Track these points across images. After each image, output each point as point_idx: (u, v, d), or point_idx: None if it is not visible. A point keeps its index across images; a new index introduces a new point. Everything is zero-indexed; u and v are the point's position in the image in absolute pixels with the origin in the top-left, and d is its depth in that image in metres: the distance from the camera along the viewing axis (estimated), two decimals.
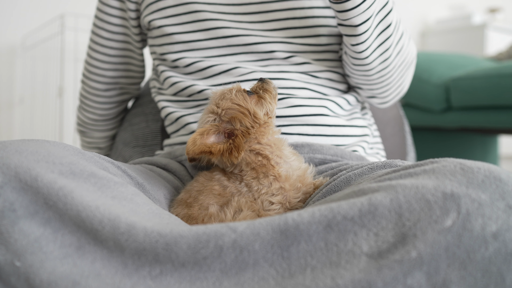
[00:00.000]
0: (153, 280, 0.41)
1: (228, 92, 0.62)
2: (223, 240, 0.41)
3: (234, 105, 0.61)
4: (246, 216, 0.58)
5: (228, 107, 0.61)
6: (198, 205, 0.61)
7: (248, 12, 0.81)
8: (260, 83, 0.66)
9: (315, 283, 0.38)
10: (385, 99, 0.88)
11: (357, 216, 0.41)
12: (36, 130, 1.79)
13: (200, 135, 0.58)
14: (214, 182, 0.63)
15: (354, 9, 0.68)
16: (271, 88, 0.65)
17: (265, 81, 0.66)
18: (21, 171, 0.43)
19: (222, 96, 0.62)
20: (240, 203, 0.59)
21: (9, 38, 1.80)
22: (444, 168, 0.43)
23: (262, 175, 0.60)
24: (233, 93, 0.62)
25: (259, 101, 0.63)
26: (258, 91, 0.65)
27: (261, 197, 0.59)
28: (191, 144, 0.58)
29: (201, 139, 0.58)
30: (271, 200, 0.59)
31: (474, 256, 0.37)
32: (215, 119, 0.61)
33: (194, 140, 0.58)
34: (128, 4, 0.90)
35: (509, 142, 2.73)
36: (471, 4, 3.40)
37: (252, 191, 0.60)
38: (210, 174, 0.65)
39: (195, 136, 0.58)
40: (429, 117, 1.79)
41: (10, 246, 0.41)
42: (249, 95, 0.63)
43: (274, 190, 0.60)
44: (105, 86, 1.00)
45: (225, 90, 0.63)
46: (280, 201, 0.59)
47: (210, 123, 0.61)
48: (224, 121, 0.61)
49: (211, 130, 0.59)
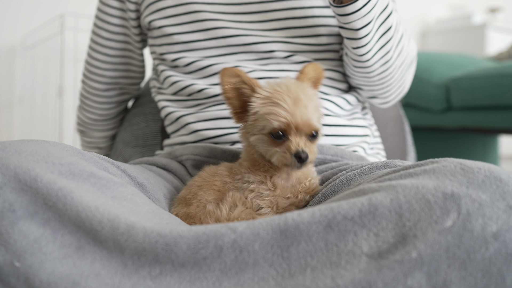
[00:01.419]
0: (152, 280, 0.41)
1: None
2: (223, 240, 0.41)
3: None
4: (241, 213, 0.57)
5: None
6: (197, 202, 0.61)
7: (247, 11, 0.81)
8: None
9: (315, 283, 0.38)
10: (386, 99, 0.88)
11: (357, 216, 0.40)
12: (36, 130, 1.79)
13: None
14: (216, 177, 0.63)
15: (355, 13, 0.68)
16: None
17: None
18: (21, 171, 0.43)
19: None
20: (234, 198, 0.59)
21: (9, 38, 1.80)
22: (445, 168, 0.43)
23: (260, 177, 0.60)
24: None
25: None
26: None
27: (249, 196, 0.59)
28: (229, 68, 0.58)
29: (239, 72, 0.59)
30: (260, 203, 0.59)
31: (474, 256, 0.37)
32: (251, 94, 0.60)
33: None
34: (128, 4, 0.90)
35: (509, 142, 2.73)
36: (471, 4, 3.40)
37: (247, 190, 0.60)
38: (214, 168, 0.65)
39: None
40: (429, 117, 1.79)
41: (10, 247, 0.40)
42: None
43: (264, 193, 0.59)
44: (105, 86, 1.00)
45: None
46: (268, 205, 0.59)
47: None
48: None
49: (248, 82, 0.59)
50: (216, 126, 0.78)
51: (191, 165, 0.77)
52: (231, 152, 0.73)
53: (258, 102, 0.57)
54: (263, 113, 0.56)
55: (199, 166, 0.75)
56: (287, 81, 0.58)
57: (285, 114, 0.54)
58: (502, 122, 1.57)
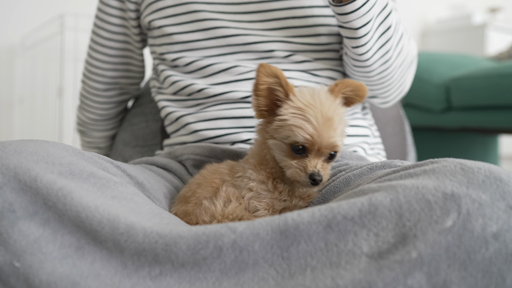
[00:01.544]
0: (152, 280, 0.41)
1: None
2: (223, 240, 0.41)
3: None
4: (235, 208, 0.57)
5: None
6: (195, 199, 0.61)
7: (247, 11, 0.81)
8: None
9: (315, 284, 0.38)
10: (386, 99, 0.88)
11: (357, 216, 0.40)
12: (36, 130, 1.79)
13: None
14: (215, 175, 0.63)
15: (354, 12, 0.68)
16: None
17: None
18: (21, 171, 0.43)
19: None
20: (228, 193, 0.59)
21: (8, 37, 1.80)
22: (445, 168, 0.43)
23: (262, 177, 0.60)
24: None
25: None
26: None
27: (247, 196, 0.58)
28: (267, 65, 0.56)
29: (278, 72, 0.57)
30: (257, 205, 0.58)
31: (474, 256, 0.37)
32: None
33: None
34: (128, 4, 0.90)
35: (509, 142, 2.73)
36: (472, 4, 3.40)
37: (245, 188, 0.59)
38: (216, 166, 0.64)
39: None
40: (429, 117, 1.79)
41: (10, 247, 0.40)
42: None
43: (262, 193, 0.58)
44: (105, 86, 1.00)
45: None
46: (265, 208, 0.58)
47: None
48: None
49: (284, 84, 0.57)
50: (216, 126, 0.78)
51: (191, 165, 0.77)
52: (231, 152, 0.73)
53: (289, 110, 0.55)
54: (291, 123, 0.54)
55: (199, 165, 0.75)
56: (321, 94, 0.56)
57: (313, 133, 0.53)
58: (502, 122, 1.57)
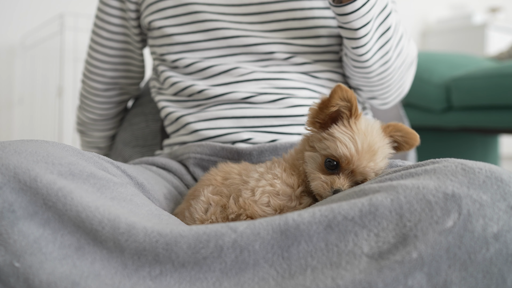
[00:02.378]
0: (153, 280, 0.41)
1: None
2: (223, 240, 0.41)
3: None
4: (214, 212, 0.57)
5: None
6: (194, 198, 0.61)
7: (247, 13, 0.81)
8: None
9: (316, 284, 0.38)
10: (386, 100, 0.88)
11: (357, 216, 0.40)
12: (36, 130, 1.79)
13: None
14: (220, 172, 0.63)
15: (354, 12, 0.68)
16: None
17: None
18: (20, 171, 0.43)
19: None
20: (208, 198, 0.59)
21: (8, 37, 1.80)
22: (445, 168, 0.43)
23: (291, 179, 0.58)
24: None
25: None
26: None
27: (259, 189, 0.56)
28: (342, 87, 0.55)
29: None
30: (270, 202, 0.56)
31: (475, 257, 0.37)
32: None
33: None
34: (128, 4, 0.90)
35: (509, 142, 2.73)
36: (472, 4, 3.40)
37: (256, 178, 0.58)
38: (227, 165, 0.64)
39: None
40: (429, 117, 1.79)
41: (10, 247, 0.40)
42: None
43: (281, 195, 0.56)
44: (104, 86, 1.00)
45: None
46: (275, 208, 0.56)
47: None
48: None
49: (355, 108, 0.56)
50: (216, 126, 0.78)
51: (192, 163, 0.77)
52: (231, 150, 0.73)
53: (342, 129, 0.55)
54: (337, 137, 0.54)
55: (200, 164, 0.75)
56: (374, 128, 0.56)
57: (354, 154, 0.53)
58: (503, 122, 1.57)
